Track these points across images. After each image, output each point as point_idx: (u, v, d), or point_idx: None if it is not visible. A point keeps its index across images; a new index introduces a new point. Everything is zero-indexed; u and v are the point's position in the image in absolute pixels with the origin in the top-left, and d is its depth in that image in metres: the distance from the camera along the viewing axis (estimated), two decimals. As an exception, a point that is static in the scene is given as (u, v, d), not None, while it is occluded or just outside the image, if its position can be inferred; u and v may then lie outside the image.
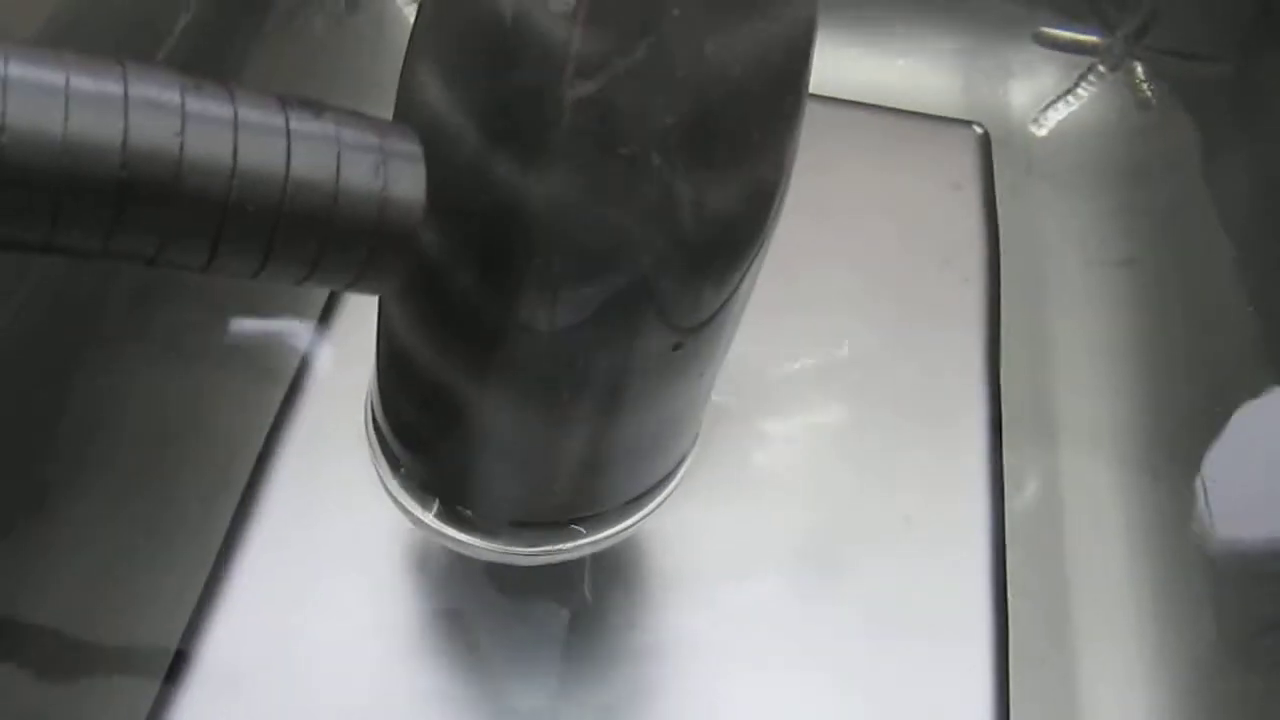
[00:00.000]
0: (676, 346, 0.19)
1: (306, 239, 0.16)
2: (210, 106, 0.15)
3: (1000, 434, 0.30)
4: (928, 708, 0.26)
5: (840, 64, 0.47)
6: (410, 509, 0.24)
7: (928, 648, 0.27)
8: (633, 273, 0.17)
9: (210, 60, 0.41)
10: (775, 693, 0.26)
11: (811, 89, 0.44)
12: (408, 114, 0.17)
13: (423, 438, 0.22)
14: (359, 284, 0.17)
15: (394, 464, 0.23)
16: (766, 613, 0.27)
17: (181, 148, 0.15)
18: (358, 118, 0.17)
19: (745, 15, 0.15)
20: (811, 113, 0.38)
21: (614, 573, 0.29)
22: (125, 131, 0.14)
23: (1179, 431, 0.40)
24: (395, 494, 0.24)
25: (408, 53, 0.18)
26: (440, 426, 0.21)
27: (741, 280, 0.19)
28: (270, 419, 0.30)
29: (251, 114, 0.15)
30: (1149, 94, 0.47)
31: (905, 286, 0.32)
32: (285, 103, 0.16)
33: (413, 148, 0.17)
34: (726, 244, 0.18)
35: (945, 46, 0.48)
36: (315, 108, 0.16)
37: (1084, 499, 0.38)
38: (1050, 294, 0.42)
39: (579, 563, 0.29)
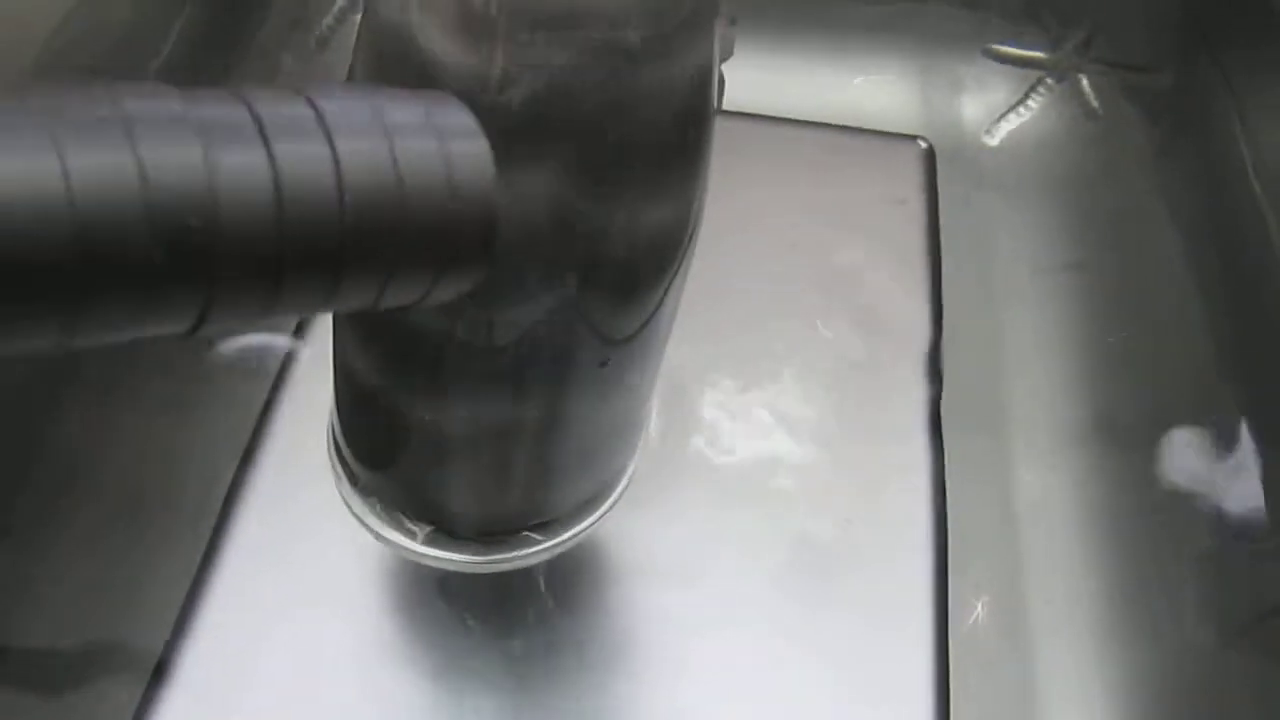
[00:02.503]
0: (603, 363, 0.20)
1: (376, 250, 0.13)
2: (227, 114, 0.12)
3: (941, 439, 0.32)
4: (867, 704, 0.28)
5: (798, 83, 0.49)
6: (372, 525, 0.26)
7: (870, 649, 0.28)
8: (555, 296, 0.19)
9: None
10: (708, 692, 0.28)
11: (766, 109, 0.46)
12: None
13: (377, 456, 0.23)
14: (437, 289, 0.14)
15: (354, 482, 0.25)
16: (710, 614, 0.28)
17: (213, 186, 0.11)
18: (397, 94, 0.14)
19: (645, 55, 0.17)
20: (760, 132, 0.39)
21: (576, 578, 0.30)
22: (142, 174, 0.11)
23: (1128, 431, 0.41)
24: (357, 511, 0.26)
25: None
26: (391, 445, 0.23)
27: (662, 301, 0.20)
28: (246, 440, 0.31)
29: (279, 117, 0.12)
30: (1095, 105, 0.49)
31: (849, 299, 0.34)
32: (311, 99, 0.13)
33: (468, 119, 0.14)
34: (643, 268, 0.19)
35: (899, 64, 0.50)
36: (347, 93, 0.13)
37: (1036, 497, 0.39)
38: (1001, 300, 0.44)
39: (542, 569, 0.31)
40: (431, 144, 0.13)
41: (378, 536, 0.26)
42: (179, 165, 0.11)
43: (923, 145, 0.37)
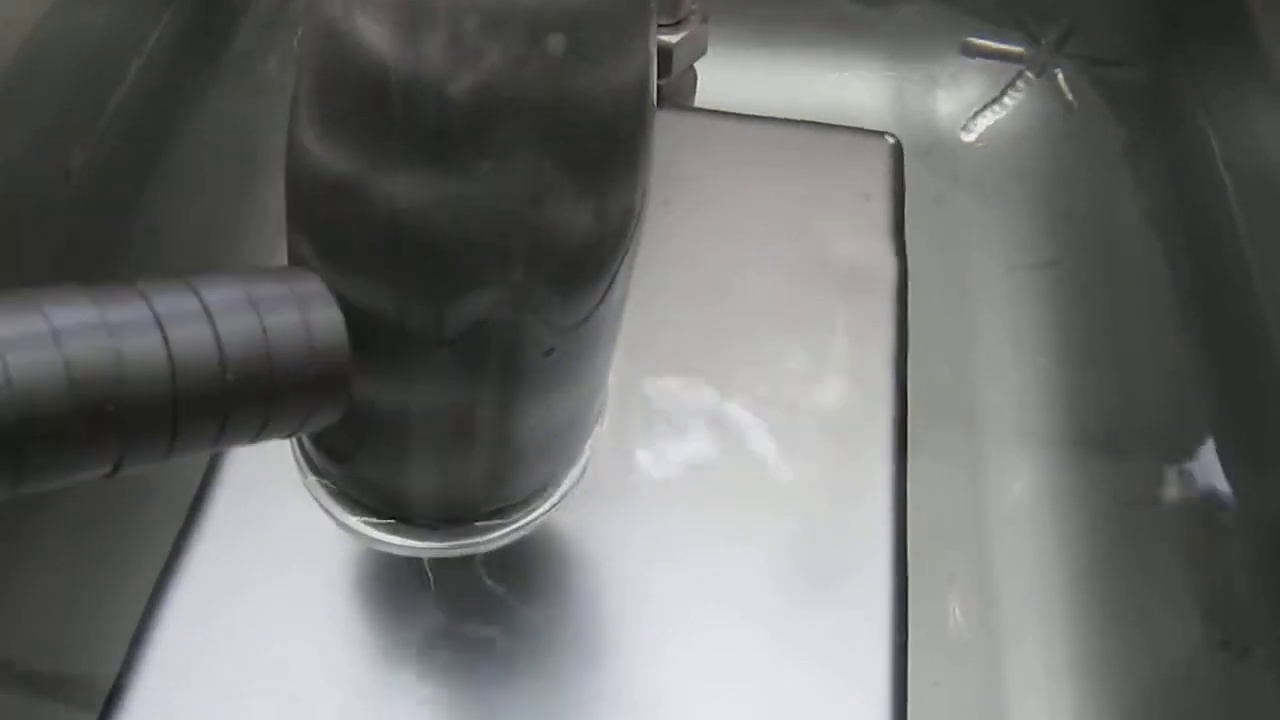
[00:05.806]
0: (549, 352, 0.21)
1: (253, 405, 0.17)
2: (130, 312, 0.16)
3: (905, 433, 0.32)
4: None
5: (772, 80, 0.49)
6: (334, 513, 0.26)
7: (832, 643, 0.29)
8: (497, 286, 0.19)
9: (166, 100, 0.43)
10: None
11: (740, 106, 0.46)
12: (292, 158, 0.19)
13: (334, 445, 0.24)
14: (306, 426, 0.19)
15: (316, 472, 0.25)
16: (665, 612, 0.29)
17: (120, 361, 0.15)
18: (262, 273, 0.18)
19: (584, 56, 0.17)
20: (725, 128, 0.40)
21: (543, 567, 0.31)
22: (68, 368, 0.15)
23: (1100, 428, 0.41)
24: (320, 500, 0.26)
25: (291, 99, 0.20)
26: (345, 433, 0.23)
27: (606, 292, 0.21)
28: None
29: (171, 306, 0.16)
30: (1071, 100, 0.49)
31: (813, 294, 0.34)
32: (192, 283, 0.17)
33: (322, 287, 0.18)
34: (586, 259, 0.20)
35: (875, 61, 0.50)
36: (228, 281, 0.17)
37: (1008, 494, 0.40)
38: (975, 296, 0.44)
39: (510, 557, 0.31)
40: (294, 314, 0.17)
41: (340, 524, 0.26)
42: (94, 355, 0.15)
43: (890, 140, 0.38)
